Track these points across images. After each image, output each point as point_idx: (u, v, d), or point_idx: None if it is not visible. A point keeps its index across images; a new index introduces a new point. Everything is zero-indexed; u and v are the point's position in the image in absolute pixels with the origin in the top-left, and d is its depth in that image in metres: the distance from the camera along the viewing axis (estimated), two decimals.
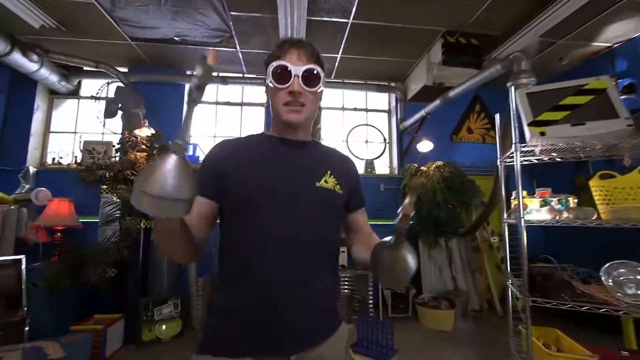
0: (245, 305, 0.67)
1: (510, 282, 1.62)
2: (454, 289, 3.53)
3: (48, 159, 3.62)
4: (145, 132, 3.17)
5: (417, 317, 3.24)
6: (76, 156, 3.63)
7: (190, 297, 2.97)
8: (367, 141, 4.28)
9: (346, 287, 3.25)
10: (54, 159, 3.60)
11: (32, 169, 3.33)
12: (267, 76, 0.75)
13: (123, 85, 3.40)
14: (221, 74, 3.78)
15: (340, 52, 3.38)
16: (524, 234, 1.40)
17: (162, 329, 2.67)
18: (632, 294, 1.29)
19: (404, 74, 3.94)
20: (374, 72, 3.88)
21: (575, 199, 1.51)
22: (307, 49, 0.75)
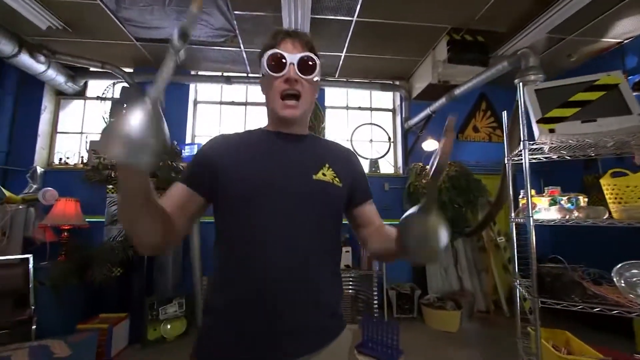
0: (242, 306, 0.64)
1: (518, 283, 1.59)
2: (460, 290, 3.49)
3: (55, 159, 3.66)
4: None
5: (422, 317, 3.21)
6: (82, 156, 3.67)
7: (195, 297, 2.98)
8: (371, 140, 4.26)
9: (351, 287, 3.23)
10: (60, 159, 3.64)
11: (40, 169, 3.36)
12: (261, 67, 0.73)
13: (128, 86, 3.43)
14: (225, 73, 3.79)
15: (345, 50, 3.36)
16: (533, 233, 1.38)
17: (167, 328, 2.68)
18: None
19: (408, 72, 3.90)
20: (378, 70, 3.85)
21: (586, 198, 1.47)
22: (302, 38, 0.74)
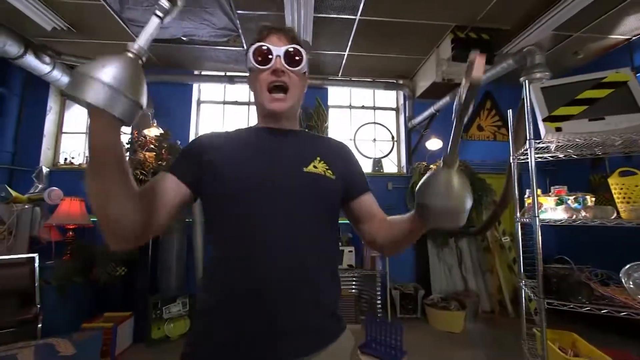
0: (239, 306, 0.61)
1: (523, 283, 1.57)
2: (464, 290, 3.47)
3: (60, 159, 3.70)
4: (154, 131, 3.20)
5: (426, 318, 3.19)
6: (87, 156, 3.69)
7: None
8: (374, 139, 4.23)
9: (354, 286, 3.22)
10: (66, 159, 3.67)
11: (45, 169, 3.39)
12: (247, 62, 0.73)
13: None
14: (228, 73, 3.79)
15: (348, 49, 3.34)
16: (539, 233, 1.36)
17: (170, 327, 2.70)
18: None
19: (412, 71, 3.87)
20: (381, 69, 3.83)
21: (593, 198, 1.45)
22: (287, 33, 0.74)
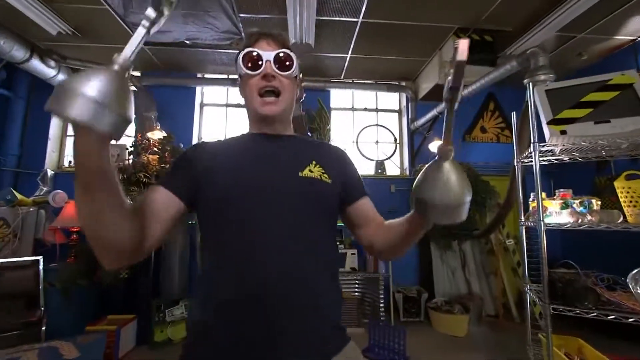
0: (237, 310, 0.59)
1: (528, 288, 1.55)
2: (468, 293, 3.43)
3: (65, 162, 3.73)
4: (158, 134, 3.22)
5: (429, 321, 3.16)
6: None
7: None
8: (377, 142, 4.22)
9: (357, 290, 3.21)
10: (70, 162, 3.69)
11: (50, 172, 3.42)
12: (237, 69, 0.72)
13: (136, 89, 3.47)
14: (231, 76, 3.80)
15: (350, 51, 3.34)
16: (544, 238, 1.34)
17: (173, 330, 2.69)
18: None
19: (414, 73, 3.87)
20: (384, 71, 3.82)
21: (599, 201, 1.43)
22: (277, 37, 0.73)
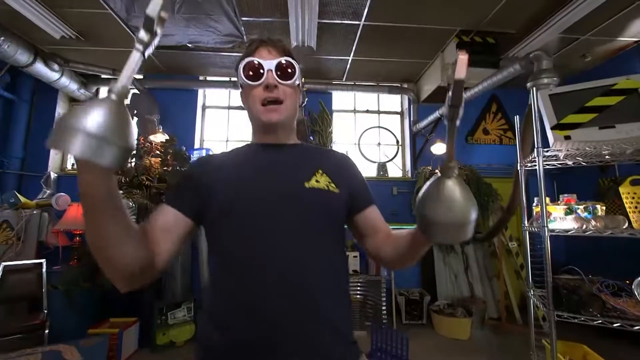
0: (240, 320, 0.58)
1: (532, 293, 1.54)
2: (471, 296, 3.42)
3: (68, 165, 3.75)
4: (160, 137, 3.23)
5: (432, 324, 3.14)
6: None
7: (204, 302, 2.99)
8: (379, 144, 4.21)
9: (359, 292, 3.19)
10: (73, 165, 3.71)
11: (53, 175, 3.44)
12: (238, 78, 0.70)
13: (138, 92, 3.48)
14: (233, 78, 3.81)
15: (352, 54, 3.34)
16: (548, 244, 1.33)
17: (175, 333, 2.70)
18: None
19: (416, 75, 3.86)
20: (386, 73, 3.82)
21: (604, 207, 1.42)
22: (278, 45, 0.72)
